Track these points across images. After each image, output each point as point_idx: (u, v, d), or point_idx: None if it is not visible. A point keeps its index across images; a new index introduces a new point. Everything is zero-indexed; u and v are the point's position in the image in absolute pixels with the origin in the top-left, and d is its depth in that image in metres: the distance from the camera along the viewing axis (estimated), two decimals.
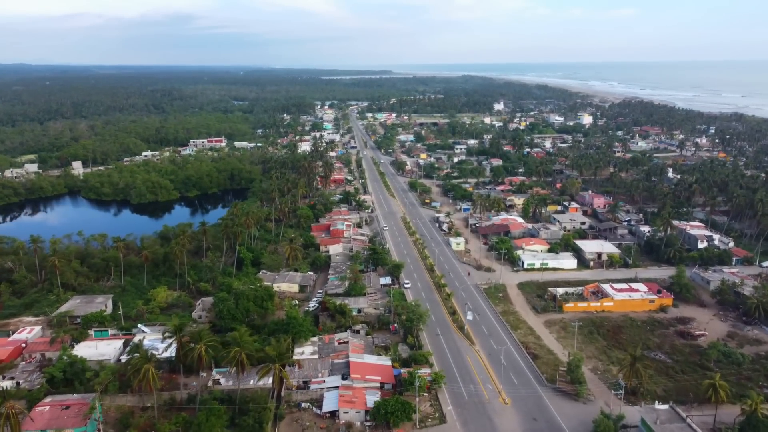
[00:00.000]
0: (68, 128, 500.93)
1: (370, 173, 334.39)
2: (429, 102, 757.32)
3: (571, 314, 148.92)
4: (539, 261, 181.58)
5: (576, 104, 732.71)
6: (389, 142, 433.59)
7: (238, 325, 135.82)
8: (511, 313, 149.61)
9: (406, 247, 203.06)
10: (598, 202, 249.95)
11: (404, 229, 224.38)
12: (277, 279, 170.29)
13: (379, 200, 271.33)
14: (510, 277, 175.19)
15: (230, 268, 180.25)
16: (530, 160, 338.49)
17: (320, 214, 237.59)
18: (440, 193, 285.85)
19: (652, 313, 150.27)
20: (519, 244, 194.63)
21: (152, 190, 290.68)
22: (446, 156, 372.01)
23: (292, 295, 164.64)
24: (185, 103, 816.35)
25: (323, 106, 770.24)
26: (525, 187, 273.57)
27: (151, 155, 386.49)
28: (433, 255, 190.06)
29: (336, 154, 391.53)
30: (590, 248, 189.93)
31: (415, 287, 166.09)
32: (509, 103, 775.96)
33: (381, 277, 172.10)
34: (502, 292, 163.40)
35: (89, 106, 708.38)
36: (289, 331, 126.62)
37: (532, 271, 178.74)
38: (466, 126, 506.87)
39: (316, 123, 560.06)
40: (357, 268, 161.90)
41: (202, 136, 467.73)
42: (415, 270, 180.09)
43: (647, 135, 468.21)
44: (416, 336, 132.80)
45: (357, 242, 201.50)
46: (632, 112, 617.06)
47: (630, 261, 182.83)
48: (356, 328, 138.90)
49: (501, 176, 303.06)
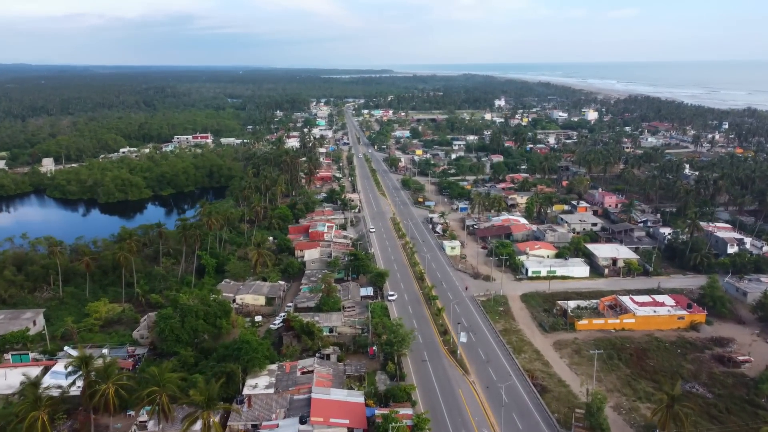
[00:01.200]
0: (49, 124, 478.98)
1: (360, 170, 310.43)
2: (427, 99, 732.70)
3: (585, 333, 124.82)
4: (546, 268, 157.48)
5: (580, 100, 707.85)
6: (383, 138, 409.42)
7: (182, 348, 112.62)
8: (513, 332, 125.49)
9: (394, 251, 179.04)
10: (610, 201, 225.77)
11: (393, 231, 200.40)
12: (240, 290, 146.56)
13: (368, 199, 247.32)
14: (512, 287, 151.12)
15: (189, 276, 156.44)
16: (533, 156, 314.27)
17: (300, 214, 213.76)
18: (435, 191, 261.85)
19: (682, 331, 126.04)
20: (522, 248, 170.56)
21: (122, 188, 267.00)
22: (443, 152, 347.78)
23: (257, 309, 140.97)
24: (178, 100, 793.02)
25: (319, 103, 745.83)
26: (528, 184, 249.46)
27: (129, 151, 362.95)
28: (424, 261, 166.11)
29: (326, 151, 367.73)
30: (604, 253, 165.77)
31: (402, 300, 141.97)
32: (510, 99, 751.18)
33: (362, 287, 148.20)
34: (502, 306, 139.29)
35: (76, 103, 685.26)
36: (240, 357, 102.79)
37: (538, 280, 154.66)
38: (465, 122, 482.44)
39: (309, 119, 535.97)
40: (330, 278, 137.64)
41: (188, 133, 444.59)
42: (403, 279, 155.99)
43: (657, 131, 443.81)
44: (398, 362, 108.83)
45: (338, 246, 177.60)
46: (639, 108, 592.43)
47: (650, 268, 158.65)
48: (326, 351, 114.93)
49: (502, 173, 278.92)
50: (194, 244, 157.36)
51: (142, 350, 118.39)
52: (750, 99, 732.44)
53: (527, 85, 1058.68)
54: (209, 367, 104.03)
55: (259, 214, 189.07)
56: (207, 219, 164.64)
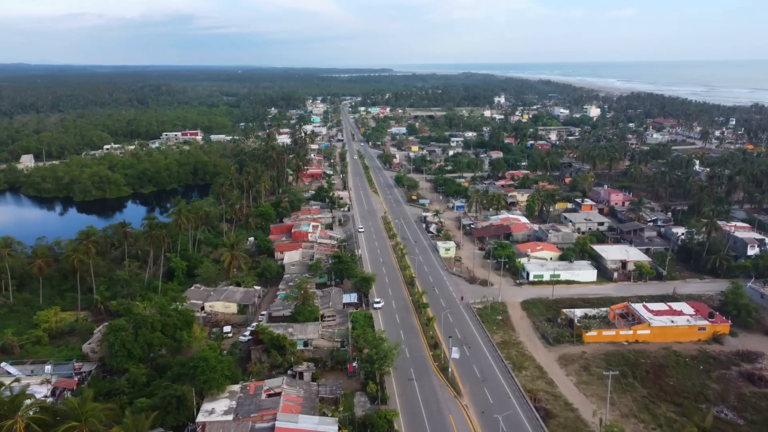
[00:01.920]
0: (35, 121, 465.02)
1: (353, 167, 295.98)
2: (426, 96, 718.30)
3: (594, 347, 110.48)
4: (549, 272, 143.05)
5: (581, 97, 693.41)
6: (379, 134, 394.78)
7: (134, 365, 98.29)
8: (513, 345, 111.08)
9: (383, 253, 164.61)
10: (616, 199, 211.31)
11: (384, 230, 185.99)
12: (211, 296, 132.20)
13: (359, 197, 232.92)
14: (512, 292, 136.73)
15: (156, 281, 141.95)
16: (534, 152, 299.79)
17: (285, 213, 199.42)
18: (431, 189, 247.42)
19: (704, 344, 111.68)
20: (523, 249, 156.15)
21: (99, 186, 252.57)
22: (441, 149, 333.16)
23: (227, 318, 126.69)
24: (172, 98, 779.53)
25: (315, 101, 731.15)
26: (529, 181, 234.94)
27: (113, 148, 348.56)
28: (416, 264, 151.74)
29: (318, 147, 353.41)
30: (613, 255, 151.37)
31: (389, 308, 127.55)
32: (510, 97, 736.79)
33: (346, 293, 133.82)
34: (501, 314, 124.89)
35: (68, 101, 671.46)
36: (196, 377, 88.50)
37: (540, 285, 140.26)
38: (464, 118, 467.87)
39: (303, 116, 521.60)
40: (306, 284, 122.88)
41: (178, 129, 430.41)
42: (392, 284, 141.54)
43: (661, 127, 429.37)
44: (380, 382, 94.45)
45: (323, 247, 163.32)
46: (642, 105, 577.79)
47: (664, 272, 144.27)
48: (299, 368, 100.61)
49: (501, 170, 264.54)
50: (162, 246, 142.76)
51: (90, 366, 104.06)
52: (753, 96, 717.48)
53: (527, 83, 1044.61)
54: (162, 387, 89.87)
55: (238, 213, 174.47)
56: (177, 218, 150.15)
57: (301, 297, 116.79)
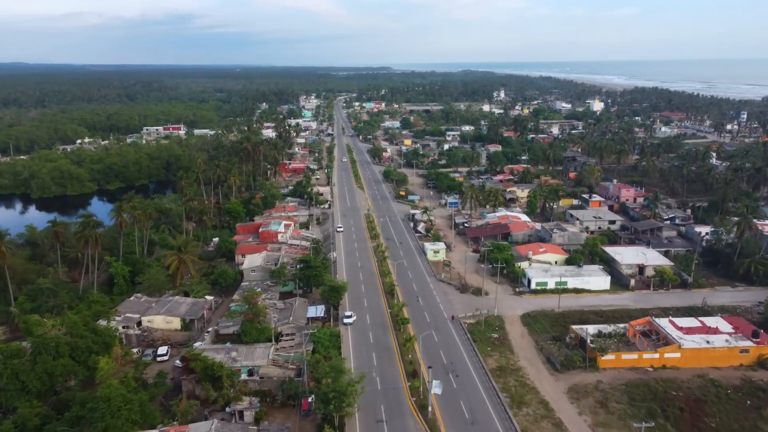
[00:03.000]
0: (12, 115, 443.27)
1: (340, 162, 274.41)
2: (423, 91, 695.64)
3: (612, 374, 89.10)
4: (554, 278, 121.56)
5: (583, 92, 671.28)
6: (370, 128, 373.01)
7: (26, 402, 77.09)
8: (511, 372, 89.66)
9: (362, 256, 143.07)
10: (627, 195, 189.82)
11: (366, 230, 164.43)
12: (151, 308, 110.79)
13: (342, 193, 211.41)
14: (510, 303, 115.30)
15: (92, 289, 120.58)
16: (536, 145, 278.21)
17: (257, 210, 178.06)
18: (423, 184, 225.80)
19: (747, 370, 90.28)
20: (523, 252, 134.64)
21: (60, 181, 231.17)
22: (435, 143, 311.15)
23: (168, 336, 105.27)
24: (163, 94, 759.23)
25: (309, 96, 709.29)
26: (530, 175, 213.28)
27: (87, 142, 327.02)
28: (400, 269, 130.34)
29: (306, 141, 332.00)
30: (628, 258, 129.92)
31: (362, 323, 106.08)
32: (510, 92, 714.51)
33: (314, 305, 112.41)
34: (497, 331, 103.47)
35: (54, 96, 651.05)
36: (95, 422, 67.32)
37: (544, 295, 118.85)
38: (461, 112, 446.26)
39: (293, 110, 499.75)
40: (255, 296, 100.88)
41: (161, 124, 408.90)
42: (369, 293, 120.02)
43: (669, 120, 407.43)
44: (340, 427, 73.11)
45: (293, 249, 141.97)
46: (647, 99, 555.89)
47: (689, 278, 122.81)
48: (239, 406, 79.15)
49: (500, 164, 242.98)
50: (95, 248, 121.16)
51: None
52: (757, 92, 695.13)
53: (528, 79, 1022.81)
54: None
55: (197, 210, 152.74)
56: (117, 215, 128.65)
57: (248, 312, 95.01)
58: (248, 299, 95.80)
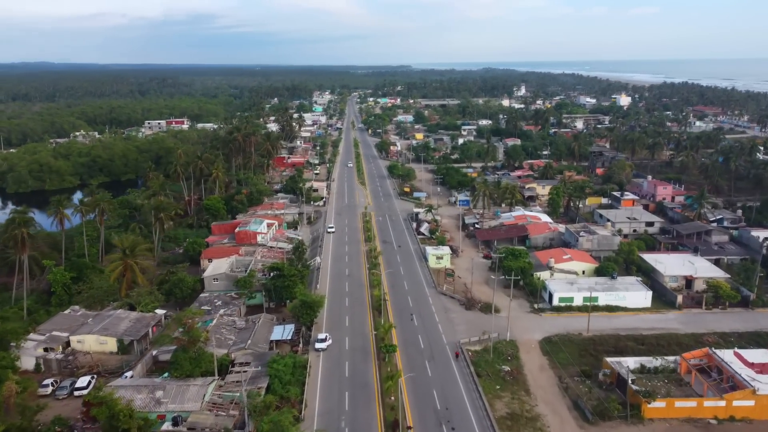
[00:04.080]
0: (14, 108, 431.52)
1: (344, 156, 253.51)
2: (440, 86, 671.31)
3: (662, 427, 66.38)
4: (581, 293, 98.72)
5: (608, 87, 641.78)
6: (381, 122, 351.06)
7: None
8: (526, 423, 67.40)
9: (353, 261, 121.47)
10: (664, 193, 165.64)
11: (362, 231, 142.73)
12: (85, 325, 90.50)
13: (341, 189, 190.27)
14: (527, 324, 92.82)
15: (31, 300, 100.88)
16: (558, 139, 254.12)
17: (241, 207, 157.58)
18: (432, 180, 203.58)
19: None
20: (544, 259, 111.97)
21: (38, 175, 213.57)
22: (449, 137, 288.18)
23: (100, 360, 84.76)
24: (176, 90, 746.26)
25: (323, 92, 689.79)
26: (552, 171, 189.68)
27: (82, 135, 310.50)
28: (394, 279, 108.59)
29: (311, 135, 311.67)
30: (673, 269, 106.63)
31: (338, 349, 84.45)
32: (531, 88, 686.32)
33: (283, 323, 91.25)
34: (509, 362, 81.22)
35: (64, 92, 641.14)
36: None
37: (569, 313, 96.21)
38: (479, 106, 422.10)
39: (303, 105, 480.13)
40: (192, 316, 79.14)
41: (164, 117, 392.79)
42: (353, 308, 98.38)
43: (704, 115, 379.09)
44: None
45: (273, 253, 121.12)
46: (677, 94, 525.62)
47: (751, 294, 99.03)
48: None
49: (519, 158, 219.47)
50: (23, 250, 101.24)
51: None
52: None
53: (550, 75, 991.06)
54: None
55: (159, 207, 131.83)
56: (58, 212, 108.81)
57: (180, 340, 73.59)
58: (181, 320, 74.22)
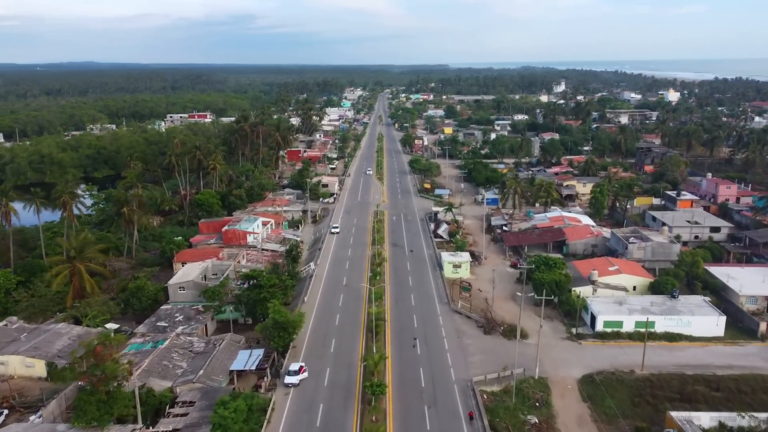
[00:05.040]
0: (42, 102, 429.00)
1: (366, 150, 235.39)
2: (476, 82, 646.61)
3: None
4: (633, 317, 77.52)
5: (654, 84, 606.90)
6: (409, 115, 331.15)
7: None
8: None
9: (354, 268, 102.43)
10: (728, 193, 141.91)
11: (371, 232, 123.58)
12: (13, 344, 74.09)
13: (356, 185, 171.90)
14: (563, 355, 72.22)
15: None
16: (601, 134, 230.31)
17: (239, 203, 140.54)
18: (459, 177, 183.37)
19: None
20: (584, 270, 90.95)
21: (38, 167, 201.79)
22: (481, 132, 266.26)
23: (23, 389, 68.04)
24: (209, 86, 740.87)
25: (355, 89, 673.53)
26: (595, 167, 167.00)
27: (98, 128, 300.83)
28: (400, 290, 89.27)
29: (335, 129, 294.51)
30: (750, 287, 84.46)
31: (314, 385, 65.48)
32: (572, 84, 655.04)
33: (249, 349, 72.88)
34: (537, 410, 61.06)
35: (97, 88, 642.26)
36: None
37: (617, 342, 75.27)
38: (515, 101, 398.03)
39: (332, 99, 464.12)
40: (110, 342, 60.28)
41: (188, 111, 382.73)
42: (343, 328, 79.40)
43: (763, 110, 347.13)
44: None
45: (264, 257, 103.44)
46: (730, 89, 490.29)
47: None
48: None
49: (557, 154, 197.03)
50: None
51: None
52: None
53: (591, 72, 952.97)
54: None
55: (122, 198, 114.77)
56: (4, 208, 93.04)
57: (89, 376, 55.11)
58: (88, 348, 55.63)
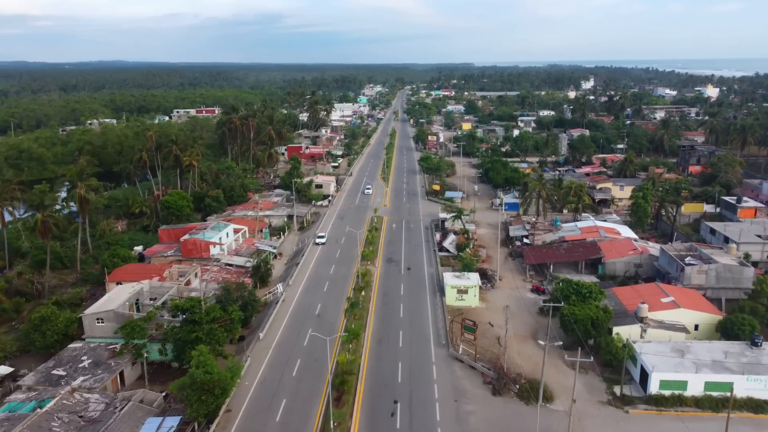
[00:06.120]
0: (52, 97, 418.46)
1: (375, 147, 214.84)
2: (499, 78, 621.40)
3: None
4: (702, 374, 55.35)
5: (690, 80, 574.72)
6: (426, 111, 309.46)
7: None
8: None
9: (332, 292, 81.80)
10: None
11: (364, 243, 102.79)
12: None
13: (356, 186, 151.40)
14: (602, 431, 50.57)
15: None
16: (638, 131, 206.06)
17: (216, 207, 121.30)
18: (477, 177, 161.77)
19: None
20: (628, 301, 68.97)
21: (16, 163, 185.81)
22: (503, 128, 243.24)
23: None
24: (227, 83, 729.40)
25: (375, 85, 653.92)
26: (633, 166, 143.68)
27: (99, 123, 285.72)
28: (385, 325, 68.48)
29: (346, 125, 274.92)
30: None
31: None
32: (601, 81, 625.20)
33: (162, 416, 52.55)
34: None
35: (114, 84, 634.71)
36: None
37: (679, 411, 53.11)
38: (540, 96, 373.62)
39: (347, 95, 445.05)
40: None
41: (195, 106, 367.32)
42: (301, 383, 58.74)
43: None
44: None
45: (226, 274, 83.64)
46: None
47: None
48: None
49: (587, 152, 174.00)
50: None
51: None
52: None
53: (622, 69, 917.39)
54: None
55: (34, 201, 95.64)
56: None
57: None
58: None
